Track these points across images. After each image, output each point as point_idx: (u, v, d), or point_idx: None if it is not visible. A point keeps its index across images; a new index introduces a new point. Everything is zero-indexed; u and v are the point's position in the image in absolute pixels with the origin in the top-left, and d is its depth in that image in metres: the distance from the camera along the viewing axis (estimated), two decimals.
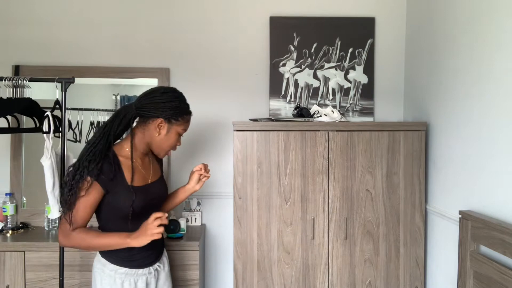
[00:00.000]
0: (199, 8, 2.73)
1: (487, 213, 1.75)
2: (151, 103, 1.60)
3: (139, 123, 1.65)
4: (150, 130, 1.63)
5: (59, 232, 1.55)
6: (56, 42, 2.71)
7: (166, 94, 1.63)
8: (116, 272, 1.63)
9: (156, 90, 1.66)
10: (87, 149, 1.56)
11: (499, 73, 1.69)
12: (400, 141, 2.29)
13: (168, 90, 1.67)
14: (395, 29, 2.74)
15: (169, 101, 1.62)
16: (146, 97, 1.62)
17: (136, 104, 1.61)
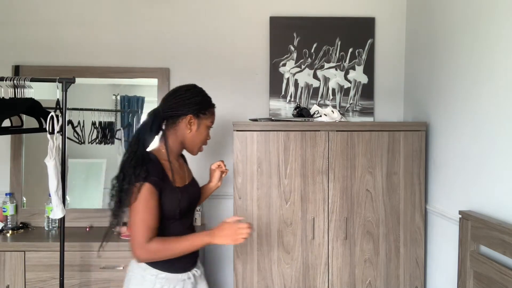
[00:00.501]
0: (199, 8, 2.73)
1: (487, 213, 1.75)
2: (177, 102, 1.63)
3: (169, 125, 1.65)
4: (181, 128, 1.64)
5: (134, 248, 1.47)
6: (56, 42, 2.71)
7: (189, 91, 1.68)
8: (156, 277, 1.57)
9: (178, 89, 1.69)
10: (127, 158, 1.55)
11: (499, 73, 1.69)
12: (400, 141, 2.29)
13: (190, 87, 1.72)
14: (395, 29, 2.74)
15: (193, 97, 1.66)
16: (170, 98, 1.65)
17: (162, 107, 1.63)
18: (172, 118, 1.63)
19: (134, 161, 1.52)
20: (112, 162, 2.80)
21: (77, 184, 2.81)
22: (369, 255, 2.29)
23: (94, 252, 2.30)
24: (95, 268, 2.29)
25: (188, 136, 1.65)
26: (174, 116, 1.63)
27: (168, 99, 1.65)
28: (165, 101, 1.65)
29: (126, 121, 2.81)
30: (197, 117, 1.65)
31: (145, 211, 1.49)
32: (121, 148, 2.79)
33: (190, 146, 1.69)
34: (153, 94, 2.73)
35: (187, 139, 1.66)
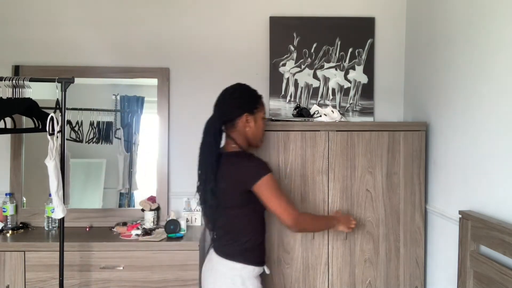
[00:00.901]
0: (199, 8, 2.73)
1: (487, 213, 1.75)
2: (229, 106, 1.75)
3: (228, 127, 1.77)
4: (240, 127, 1.76)
5: (289, 219, 1.66)
6: (56, 42, 2.71)
7: (235, 91, 1.79)
8: (253, 271, 1.72)
9: (225, 93, 1.81)
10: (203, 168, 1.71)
11: (500, 73, 1.69)
12: (400, 141, 2.28)
13: (235, 87, 1.83)
14: (395, 29, 2.74)
15: (242, 97, 1.78)
16: (221, 104, 1.77)
17: (217, 114, 1.75)
18: (229, 121, 1.75)
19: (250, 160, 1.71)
20: (111, 162, 2.80)
21: (77, 184, 2.81)
22: (369, 255, 2.28)
23: (94, 252, 2.30)
24: (95, 268, 2.29)
25: (249, 132, 1.78)
26: (230, 119, 1.74)
27: (219, 105, 1.77)
28: (218, 109, 1.77)
29: (126, 121, 2.81)
30: (251, 113, 1.77)
31: (282, 193, 1.71)
32: (120, 148, 2.79)
33: (253, 140, 1.82)
34: (153, 94, 2.72)
35: (248, 135, 1.78)
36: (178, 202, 2.73)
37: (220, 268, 1.69)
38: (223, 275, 1.68)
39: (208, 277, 1.74)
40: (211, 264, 1.75)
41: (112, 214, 2.70)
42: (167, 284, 2.31)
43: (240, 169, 1.69)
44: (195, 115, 2.74)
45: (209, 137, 1.71)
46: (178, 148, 2.74)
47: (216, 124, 1.73)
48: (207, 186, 1.68)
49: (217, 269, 1.69)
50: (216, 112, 1.77)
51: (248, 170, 1.68)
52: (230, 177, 1.68)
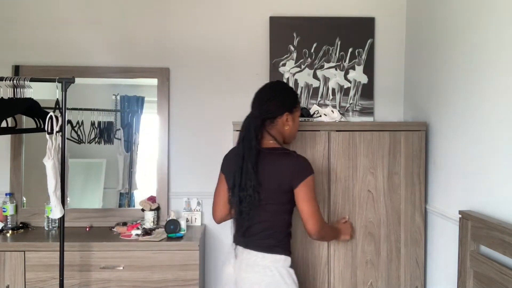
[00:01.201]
0: (199, 8, 2.73)
1: (487, 213, 1.75)
2: (272, 104, 1.74)
3: (267, 125, 1.76)
4: (279, 126, 1.77)
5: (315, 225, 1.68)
6: (56, 42, 2.71)
7: (278, 90, 1.79)
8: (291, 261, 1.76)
9: (267, 91, 1.80)
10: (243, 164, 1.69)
11: (500, 73, 1.69)
12: (401, 141, 2.28)
13: (277, 85, 1.84)
14: (395, 29, 2.74)
15: (283, 95, 1.78)
16: (263, 102, 1.75)
17: (258, 112, 1.74)
18: (270, 119, 1.75)
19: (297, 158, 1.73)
20: (111, 162, 2.80)
21: (77, 184, 2.81)
22: (371, 256, 2.28)
23: (94, 252, 2.30)
24: (95, 268, 2.29)
25: (287, 130, 1.80)
26: (271, 117, 1.75)
27: (260, 102, 1.75)
28: (258, 104, 1.76)
29: (126, 121, 2.81)
30: (291, 112, 1.78)
31: (316, 198, 1.73)
32: (120, 148, 2.79)
33: (289, 137, 1.85)
34: (153, 94, 2.72)
35: (286, 133, 1.81)
36: (178, 202, 2.73)
37: (261, 262, 1.68)
38: (267, 268, 1.68)
39: (249, 272, 1.70)
40: (248, 260, 1.71)
41: (112, 214, 2.70)
42: (167, 284, 2.31)
43: (287, 166, 1.69)
44: (195, 115, 2.74)
45: (250, 133, 1.69)
46: (178, 148, 2.74)
47: (257, 121, 1.72)
48: (247, 182, 1.66)
49: (258, 263, 1.68)
50: (257, 109, 1.75)
51: (296, 169, 1.69)
52: (275, 174, 1.68)
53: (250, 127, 1.71)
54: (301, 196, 1.68)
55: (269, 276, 1.67)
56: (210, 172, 2.73)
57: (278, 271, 1.68)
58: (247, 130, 1.72)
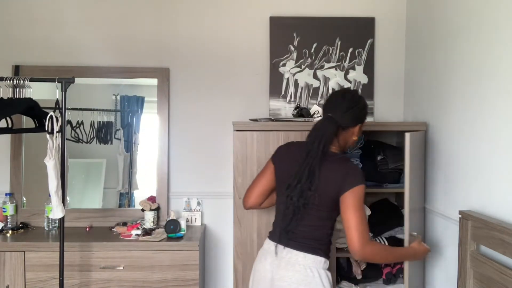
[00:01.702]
0: (199, 8, 2.73)
1: (487, 213, 1.75)
2: (351, 117, 1.73)
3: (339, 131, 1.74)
4: (349, 135, 1.77)
5: (358, 241, 1.57)
6: (56, 42, 2.71)
7: (359, 102, 1.76)
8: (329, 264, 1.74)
9: (349, 100, 1.74)
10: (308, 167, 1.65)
11: (500, 73, 1.69)
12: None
13: (357, 96, 1.78)
14: (395, 29, 2.74)
15: (363, 109, 1.77)
16: (345, 112, 1.72)
17: (337, 120, 1.70)
18: (344, 128, 1.73)
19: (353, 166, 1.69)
20: (111, 162, 2.80)
21: (77, 184, 2.81)
22: None
23: (94, 252, 2.30)
24: (95, 268, 2.30)
25: (351, 140, 1.79)
26: (346, 127, 1.74)
27: (342, 112, 1.71)
28: (337, 111, 1.72)
29: (126, 121, 2.81)
30: (362, 124, 1.78)
31: (363, 210, 1.63)
32: (120, 148, 2.79)
33: (349, 146, 1.83)
34: (153, 94, 2.73)
35: (350, 142, 1.80)
36: (178, 202, 2.73)
37: (302, 262, 1.67)
38: (308, 268, 1.67)
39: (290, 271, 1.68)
40: (290, 259, 1.70)
41: (112, 214, 2.70)
42: (167, 284, 2.31)
43: (341, 172, 1.66)
44: (195, 115, 2.74)
45: (325, 137, 1.67)
46: (178, 148, 2.74)
47: (334, 127, 1.69)
48: (309, 186, 1.64)
49: (299, 263, 1.67)
50: (337, 116, 1.71)
51: (348, 175, 1.64)
52: (331, 180, 1.65)
53: (327, 132, 1.68)
54: (346, 203, 1.61)
55: (310, 277, 1.66)
56: (210, 172, 2.74)
57: (318, 272, 1.68)
58: (323, 133, 1.68)
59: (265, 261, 1.76)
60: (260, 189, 1.86)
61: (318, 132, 1.69)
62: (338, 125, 1.70)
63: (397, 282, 2.41)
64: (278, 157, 1.84)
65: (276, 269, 1.71)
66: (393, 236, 2.29)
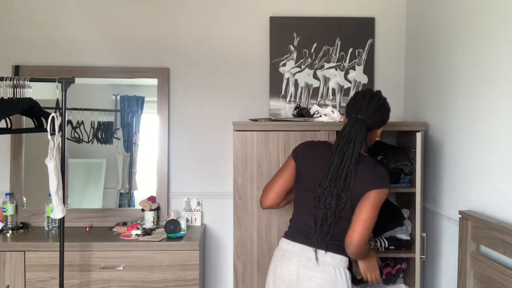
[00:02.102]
0: (199, 8, 2.73)
1: (487, 213, 1.75)
2: (379, 119, 1.74)
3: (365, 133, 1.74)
4: (372, 136, 1.79)
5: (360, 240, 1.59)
6: (56, 42, 2.71)
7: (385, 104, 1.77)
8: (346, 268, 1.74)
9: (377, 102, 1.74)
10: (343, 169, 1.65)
11: (499, 73, 1.69)
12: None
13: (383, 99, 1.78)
14: (395, 29, 2.74)
15: (388, 112, 1.79)
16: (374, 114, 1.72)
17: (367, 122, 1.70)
18: (370, 130, 1.74)
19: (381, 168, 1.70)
20: (111, 162, 2.80)
21: (77, 184, 2.81)
22: None
23: (94, 252, 2.30)
24: (95, 268, 2.30)
25: (373, 140, 1.81)
26: (373, 128, 1.75)
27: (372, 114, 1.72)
28: (369, 115, 1.72)
29: (126, 121, 2.81)
30: (385, 125, 1.80)
31: (377, 212, 1.64)
32: (120, 148, 2.79)
33: (369, 146, 1.85)
34: (153, 94, 2.73)
35: (372, 142, 1.82)
36: (178, 202, 2.73)
37: (331, 261, 1.68)
38: (336, 267, 1.68)
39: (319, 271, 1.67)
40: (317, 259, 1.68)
41: (112, 214, 2.70)
42: (167, 284, 2.31)
43: (370, 175, 1.66)
44: (195, 115, 2.74)
45: (358, 138, 1.66)
46: (178, 148, 2.74)
47: (365, 128, 1.69)
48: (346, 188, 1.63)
49: (328, 263, 1.68)
50: (367, 117, 1.71)
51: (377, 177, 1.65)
52: (359, 182, 1.64)
53: (359, 134, 1.67)
54: (368, 199, 1.61)
55: (338, 277, 1.67)
56: (210, 172, 2.75)
57: (344, 272, 1.70)
58: (355, 135, 1.67)
59: (289, 262, 1.72)
60: (280, 187, 1.81)
61: (350, 135, 1.67)
62: (367, 127, 1.70)
63: (397, 282, 2.41)
64: (301, 156, 1.80)
65: (303, 270, 1.68)
66: (393, 236, 2.28)
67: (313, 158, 1.76)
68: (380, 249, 2.28)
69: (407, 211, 2.38)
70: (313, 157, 1.76)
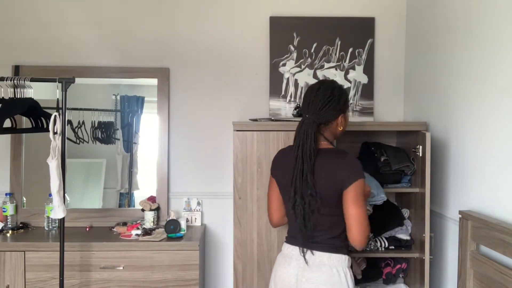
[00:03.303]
0: (199, 8, 2.73)
1: (487, 213, 1.75)
2: (328, 112, 1.69)
3: (322, 127, 1.71)
4: (333, 127, 1.75)
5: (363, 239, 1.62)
6: (56, 42, 2.71)
7: (333, 93, 1.70)
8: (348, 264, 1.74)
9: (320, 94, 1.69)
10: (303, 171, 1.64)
11: (499, 73, 1.69)
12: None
13: (331, 88, 1.72)
14: (395, 29, 2.74)
15: (339, 99, 1.72)
16: (320, 110, 1.67)
17: (314, 118, 1.67)
18: (325, 123, 1.71)
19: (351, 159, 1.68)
20: (111, 162, 2.81)
21: (77, 184, 2.81)
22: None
23: (94, 252, 2.30)
24: (95, 268, 2.30)
25: (339, 130, 1.77)
26: (327, 122, 1.71)
27: (314, 107, 1.68)
28: (312, 109, 1.68)
29: (126, 121, 2.81)
30: (344, 113, 1.76)
31: (365, 205, 1.66)
32: (119, 148, 2.79)
33: (339, 136, 1.83)
34: (153, 94, 2.73)
35: (338, 133, 1.78)
36: (178, 202, 2.73)
37: (328, 262, 1.67)
38: (334, 267, 1.67)
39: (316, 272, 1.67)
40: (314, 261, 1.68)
41: (112, 214, 2.70)
42: (167, 284, 2.31)
43: (341, 166, 1.65)
44: (195, 115, 2.74)
45: (309, 139, 1.64)
46: (178, 148, 2.74)
47: (314, 126, 1.66)
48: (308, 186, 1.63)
49: (325, 263, 1.67)
50: (313, 115, 1.68)
51: (349, 170, 1.64)
52: (332, 175, 1.65)
53: (309, 133, 1.65)
54: (349, 198, 1.62)
55: (336, 276, 1.66)
56: (210, 172, 2.74)
57: (344, 272, 1.68)
58: (305, 136, 1.66)
59: (288, 265, 1.74)
60: (276, 203, 1.84)
61: (301, 137, 1.67)
62: (317, 124, 1.68)
63: (397, 282, 2.41)
64: (274, 169, 1.84)
65: (301, 272, 1.69)
66: (393, 236, 2.28)
67: (283, 167, 1.76)
68: (380, 249, 2.28)
69: (407, 211, 2.37)
70: (283, 166, 1.76)
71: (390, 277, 2.38)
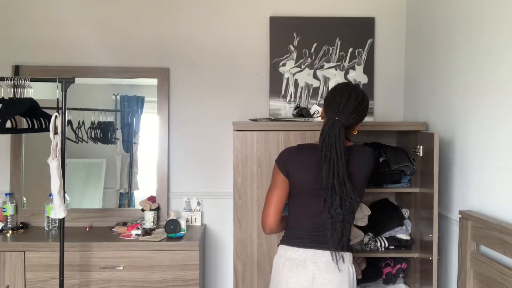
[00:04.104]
0: (199, 8, 2.73)
1: (487, 213, 1.75)
2: (359, 116, 1.70)
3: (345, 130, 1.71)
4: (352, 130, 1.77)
5: None
6: (56, 42, 2.71)
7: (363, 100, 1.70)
8: None
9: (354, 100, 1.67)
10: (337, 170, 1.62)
11: (500, 73, 1.69)
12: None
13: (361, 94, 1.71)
14: (395, 29, 2.74)
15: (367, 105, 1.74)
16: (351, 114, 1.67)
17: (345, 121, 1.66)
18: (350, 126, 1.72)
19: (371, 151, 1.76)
20: (111, 162, 2.81)
21: (77, 184, 2.81)
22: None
23: (94, 252, 2.30)
24: (95, 268, 2.30)
25: (353, 134, 1.78)
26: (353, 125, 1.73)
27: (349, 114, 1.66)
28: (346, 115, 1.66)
29: (126, 121, 2.81)
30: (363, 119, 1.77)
31: None
32: (119, 148, 2.79)
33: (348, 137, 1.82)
34: (153, 94, 2.73)
35: (351, 135, 1.79)
36: (178, 202, 2.73)
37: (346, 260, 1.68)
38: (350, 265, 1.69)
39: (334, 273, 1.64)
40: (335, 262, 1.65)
41: (112, 214, 2.70)
42: (167, 284, 2.31)
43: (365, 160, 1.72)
44: (195, 115, 2.74)
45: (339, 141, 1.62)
46: (178, 148, 2.74)
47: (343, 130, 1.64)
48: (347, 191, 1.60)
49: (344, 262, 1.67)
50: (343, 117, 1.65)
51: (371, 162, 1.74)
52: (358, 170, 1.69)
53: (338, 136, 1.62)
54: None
55: (351, 273, 1.69)
56: (210, 172, 2.75)
57: (352, 268, 1.71)
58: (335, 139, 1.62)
59: (303, 269, 1.66)
60: (276, 205, 1.72)
61: (330, 140, 1.62)
62: (345, 126, 1.66)
63: (397, 282, 2.41)
64: (291, 163, 1.72)
65: (320, 274, 1.64)
66: (393, 236, 2.28)
67: (303, 162, 1.70)
68: (380, 249, 2.28)
69: (407, 211, 2.37)
70: (303, 161, 1.70)
71: (390, 277, 2.38)
